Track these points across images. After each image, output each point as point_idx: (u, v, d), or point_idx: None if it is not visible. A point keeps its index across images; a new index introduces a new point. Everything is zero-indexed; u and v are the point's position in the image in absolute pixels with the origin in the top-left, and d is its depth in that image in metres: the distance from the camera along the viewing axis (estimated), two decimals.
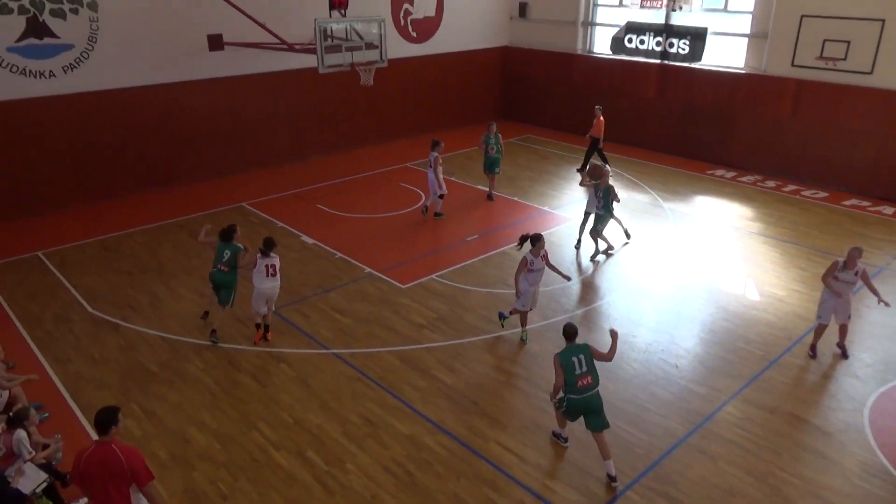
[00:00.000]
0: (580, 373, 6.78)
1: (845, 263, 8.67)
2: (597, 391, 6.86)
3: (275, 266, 9.11)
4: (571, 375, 6.77)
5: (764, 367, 8.81)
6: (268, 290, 9.15)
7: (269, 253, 9.04)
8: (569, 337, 6.95)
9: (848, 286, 8.74)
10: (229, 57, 15.57)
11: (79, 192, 14.34)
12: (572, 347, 6.89)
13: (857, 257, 8.60)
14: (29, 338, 9.44)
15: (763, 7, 16.17)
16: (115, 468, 5.03)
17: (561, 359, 6.82)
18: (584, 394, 6.79)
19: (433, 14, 19.80)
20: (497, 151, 14.71)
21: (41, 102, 13.41)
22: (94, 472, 5.06)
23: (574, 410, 6.91)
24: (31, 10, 12.84)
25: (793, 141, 16.23)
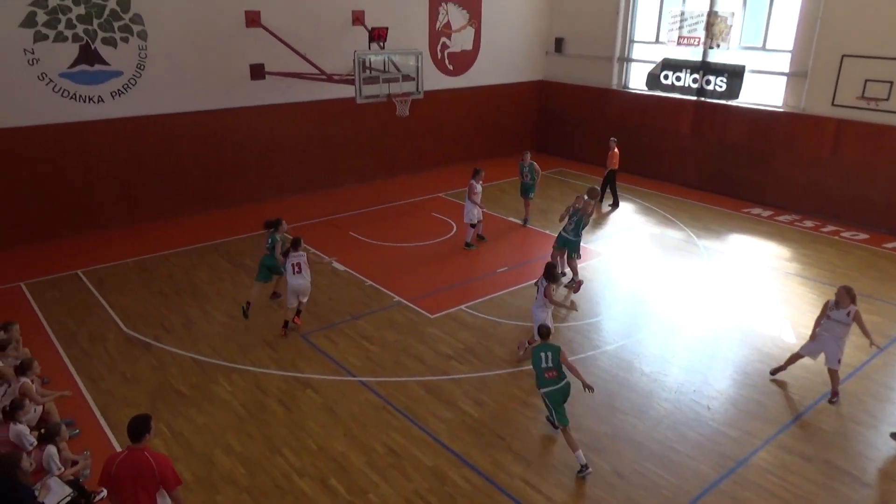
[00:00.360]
0: (546, 367, 7.53)
1: (836, 303, 8.48)
2: (560, 387, 7.50)
3: (300, 264, 9.96)
4: (538, 368, 7.54)
5: (800, 412, 8.55)
6: (296, 286, 10.03)
7: (294, 251, 9.94)
8: (543, 336, 7.81)
9: (837, 325, 8.47)
10: (270, 86, 15.97)
11: (120, 213, 14.74)
12: (543, 345, 7.67)
13: (844, 295, 8.38)
14: (65, 354, 9.64)
15: (803, 46, 16.05)
16: (147, 474, 5.25)
17: (533, 354, 7.62)
18: (553, 385, 7.47)
19: (470, 48, 20.10)
20: (531, 179, 14.90)
21: (89, 126, 13.89)
22: (125, 476, 5.28)
23: (551, 401, 7.57)
24: (84, 38, 13.39)
25: (832, 181, 15.95)
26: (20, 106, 13.02)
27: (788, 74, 16.52)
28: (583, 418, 8.32)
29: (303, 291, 10.12)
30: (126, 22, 13.77)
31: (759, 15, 16.94)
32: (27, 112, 13.12)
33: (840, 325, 8.46)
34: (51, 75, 13.21)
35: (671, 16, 18.25)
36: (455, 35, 19.59)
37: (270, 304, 11.28)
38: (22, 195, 13.45)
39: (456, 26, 19.53)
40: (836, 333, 8.51)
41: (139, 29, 13.97)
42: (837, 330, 8.49)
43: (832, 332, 8.54)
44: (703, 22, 17.44)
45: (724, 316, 11.11)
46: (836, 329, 8.50)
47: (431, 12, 18.83)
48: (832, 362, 8.62)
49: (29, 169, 13.39)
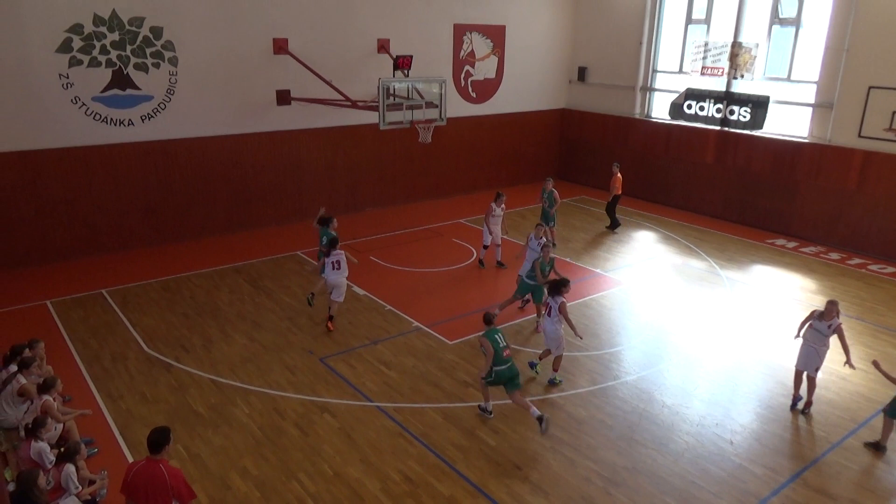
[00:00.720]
0: (504, 345, 8.42)
1: (822, 314, 8.73)
2: (512, 366, 8.44)
3: (339, 262, 10.98)
4: (498, 347, 8.33)
5: (826, 450, 8.33)
6: (333, 281, 10.99)
7: (333, 250, 10.99)
8: (489, 322, 8.57)
9: (818, 336, 8.75)
10: (295, 111, 16.24)
11: (146, 234, 14.98)
12: (493, 329, 8.50)
13: (832, 310, 8.64)
14: (86, 373, 9.75)
15: (828, 77, 15.97)
16: (160, 486, 5.41)
17: (487, 337, 8.36)
18: (508, 363, 8.36)
19: (493, 76, 20.28)
20: (549, 206, 15.14)
21: (118, 148, 14.21)
22: (139, 486, 5.44)
23: (499, 380, 8.41)
24: (117, 63, 13.75)
25: (859, 213, 15.72)
26: (54, 128, 13.37)
27: (814, 105, 16.41)
28: (601, 450, 8.19)
29: (338, 286, 11.01)
30: (158, 48, 14.13)
31: (784, 46, 16.92)
32: (60, 134, 13.47)
33: (820, 335, 8.76)
34: (84, 99, 13.56)
35: (695, 46, 18.29)
36: (479, 63, 19.80)
37: (290, 328, 11.32)
38: (52, 214, 13.75)
39: (480, 55, 19.75)
40: (818, 343, 8.80)
41: (170, 55, 14.33)
42: (819, 340, 8.78)
43: (813, 342, 8.84)
44: (728, 52, 17.45)
45: (747, 348, 10.93)
46: (817, 339, 8.80)
47: (456, 41, 19.08)
48: (810, 369, 8.94)
49: (60, 189, 13.70)
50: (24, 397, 7.89)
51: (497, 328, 8.60)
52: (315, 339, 10.93)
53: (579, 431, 8.60)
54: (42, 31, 12.80)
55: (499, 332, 8.55)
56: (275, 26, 15.50)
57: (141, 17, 13.77)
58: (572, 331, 9.39)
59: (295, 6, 15.70)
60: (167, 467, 5.49)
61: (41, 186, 13.49)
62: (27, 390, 7.88)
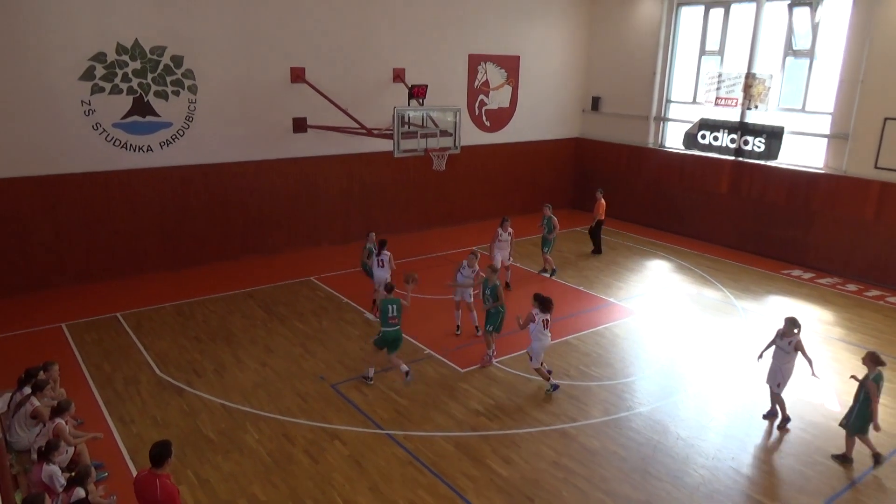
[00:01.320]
0: (393, 315, 9.85)
1: (783, 333, 9.20)
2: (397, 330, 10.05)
3: (383, 260, 12.36)
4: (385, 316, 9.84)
5: (845, 487, 8.15)
6: (380, 278, 12.18)
7: (382, 250, 12.41)
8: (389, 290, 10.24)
9: (781, 353, 9.18)
10: (311, 139, 16.45)
11: (161, 258, 15.12)
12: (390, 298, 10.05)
13: (789, 326, 9.12)
14: (99, 396, 9.78)
15: (843, 108, 15.95)
16: (151, 499, 5.70)
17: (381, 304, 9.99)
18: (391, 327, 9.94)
19: (507, 105, 20.46)
20: (548, 231, 15.29)
21: (137, 174, 14.43)
22: (138, 495, 5.82)
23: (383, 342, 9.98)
24: (138, 91, 14.03)
25: (877, 244, 15.56)
26: (74, 153, 13.62)
27: (829, 136, 16.37)
28: (615, 483, 8.06)
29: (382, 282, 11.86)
30: (178, 76, 14.42)
31: (799, 77, 16.95)
32: (80, 159, 13.71)
33: (783, 353, 9.18)
34: (104, 125, 13.82)
35: (709, 77, 18.37)
36: (493, 93, 19.99)
37: (302, 354, 11.32)
38: (70, 238, 13.93)
39: (494, 84, 19.95)
40: (781, 360, 9.23)
41: (190, 83, 14.60)
42: (781, 357, 9.21)
43: (777, 359, 9.28)
44: (741, 83, 17.50)
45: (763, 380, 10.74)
46: (780, 356, 9.23)
47: (470, 71, 19.30)
48: (773, 385, 9.38)
49: (79, 213, 13.90)
50: (37, 420, 7.92)
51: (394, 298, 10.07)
52: (327, 366, 10.91)
53: (592, 463, 8.47)
54: (66, 59, 13.11)
55: (394, 303, 9.92)
56: (292, 55, 15.78)
57: (162, 47, 14.08)
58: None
59: (312, 36, 16.00)
60: (162, 483, 5.69)
61: (61, 211, 13.70)
62: (40, 413, 7.92)
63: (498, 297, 10.74)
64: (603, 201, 17.30)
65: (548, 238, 15.36)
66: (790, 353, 9.11)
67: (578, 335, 12.34)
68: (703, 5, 18.67)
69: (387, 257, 12.40)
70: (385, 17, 17.09)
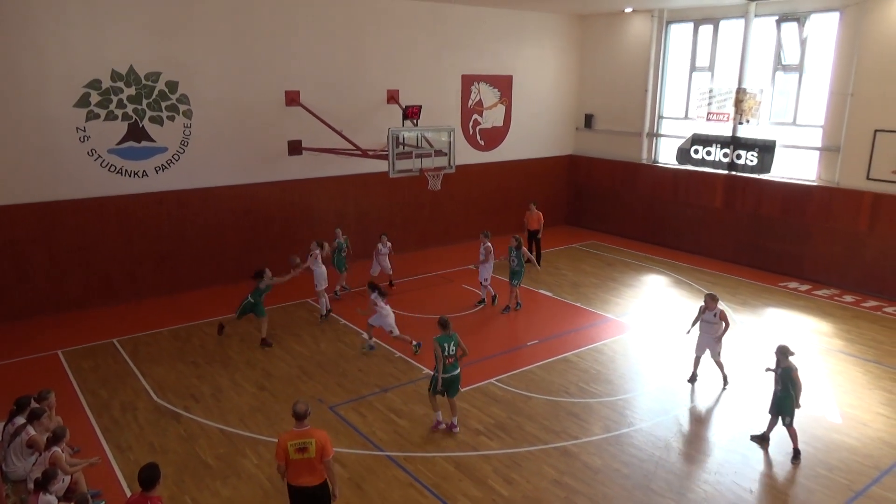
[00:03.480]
0: (448, 354, 9.11)
1: (705, 308, 10.66)
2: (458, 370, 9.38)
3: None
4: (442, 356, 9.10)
5: (849, 499, 8.09)
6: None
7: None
8: (444, 327, 9.25)
9: (709, 325, 10.60)
10: (306, 161, 16.50)
11: (158, 282, 15.09)
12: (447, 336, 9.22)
13: (710, 301, 10.62)
14: (96, 424, 9.69)
15: (834, 121, 16.09)
16: None
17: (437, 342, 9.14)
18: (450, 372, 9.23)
19: (501, 124, 20.60)
20: (518, 264, 14.07)
21: (132, 199, 14.44)
22: None
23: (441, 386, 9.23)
24: (133, 117, 14.10)
25: (872, 255, 15.62)
26: (69, 180, 13.63)
27: (821, 149, 16.50)
28: (618, 500, 8.00)
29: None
30: (173, 102, 14.49)
31: (789, 91, 17.12)
32: (76, 186, 13.73)
33: (711, 324, 10.61)
34: (100, 151, 13.86)
35: (700, 92, 18.54)
36: (486, 112, 20.14)
37: (300, 376, 11.26)
38: (66, 264, 13.90)
39: (487, 104, 20.10)
40: (710, 331, 10.63)
41: (185, 108, 14.68)
42: (710, 329, 10.62)
43: (708, 332, 10.66)
44: (732, 98, 17.65)
45: (763, 393, 10.71)
46: (709, 328, 10.64)
47: (464, 91, 19.45)
48: (714, 356, 10.74)
49: (74, 239, 13.89)
50: (33, 449, 7.83)
51: (453, 335, 9.29)
52: (325, 388, 10.85)
53: (594, 481, 8.41)
54: (61, 86, 13.18)
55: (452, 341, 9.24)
56: (287, 79, 15.89)
57: (157, 73, 14.17)
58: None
59: (307, 59, 16.13)
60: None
61: (56, 237, 13.69)
62: (36, 442, 7.83)
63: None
64: (536, 212, 17.57)
65: (519, 271, 14.12)
66: (717, 323, 10.56)
67: (577, 352, 12.31)
68: (693, 22, 18.89)
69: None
70: (378, 39, 17.26)
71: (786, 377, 8.85)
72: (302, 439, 6.48)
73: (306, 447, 6.46)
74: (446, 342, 9.16)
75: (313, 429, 6.61)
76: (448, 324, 9.31)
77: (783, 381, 8.89)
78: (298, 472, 6.56)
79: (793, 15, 16.42)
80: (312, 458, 6.48)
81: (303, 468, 6.53)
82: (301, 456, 6.47)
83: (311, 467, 6.52)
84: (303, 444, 6.47)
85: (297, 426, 6.57)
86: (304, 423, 6.56)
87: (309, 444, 6.46)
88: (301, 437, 6.50)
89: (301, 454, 6.47)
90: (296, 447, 6.47)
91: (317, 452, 6.47)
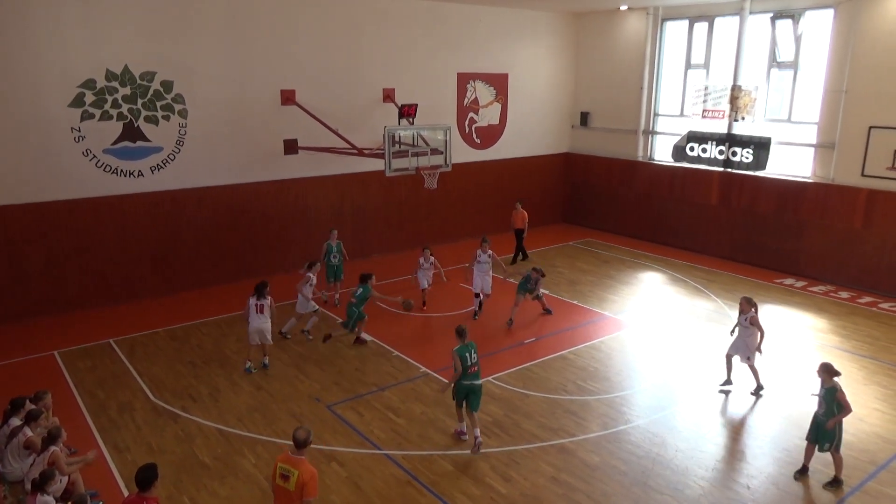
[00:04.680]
0: (471, 363, 8.85)
1: (740, 311, 10.61)
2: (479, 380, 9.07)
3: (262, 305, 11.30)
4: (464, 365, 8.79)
5: (845, 494, 8.13)
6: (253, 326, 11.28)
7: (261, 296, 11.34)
8: (461, 336, 8.96)
9: (742, 329, 10.55)
10: (302, 160, 16.48)
11: (155, 283, 15.05)
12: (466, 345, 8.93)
13: (745, 304, 10.54)
14: (93, 424, 9.67)
15: (829, 118, 16.14)
16: None
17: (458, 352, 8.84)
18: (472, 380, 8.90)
19: (497, 122, 20.60)
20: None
21: (127, 199, 14.40)
22: None
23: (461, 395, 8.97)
24: (128, 116, 14.06)
25: (867, 251, 15.68)
26: (65, 180, 13.59)
27: (816, 146, 16.54)
28: (616, 497, 8.02)
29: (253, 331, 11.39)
30: (168, 101, 14.46)
31: (784, 88, 17.16)
32: (71, 186, 13.69)
33: (743, 328, 10.54)
34: (95, 151, 13.82)
35: (695, 90, 18.57)
36: (482, 110, 20.14)
37: (297, 375, 11.26)
38: (62, 265, 13.86)
39: (483, 102, 20.10)
40: (743, 335, 10.55)
41: (180, 108, 14.64)
42: (745, 333, 10.52)
43: (743, 336, 10.58)
44: (728, 95, 17.69)
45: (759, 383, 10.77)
46: (743, 332, 10.56)
47: (460, 89, 19.45)
48: (744, 359, 10.62)
49: (70, 240, 13.85)
50: (31, 450, 7.82)
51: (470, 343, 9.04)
52: (322, 387, 10.85)
53: (592, 478, 8.43)
54: (56, 87, 13.14)
55: (472, 349, 8.96)
56: (282, 78, 15.86)
57: (152, 72, 14.13)
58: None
59: (302, 58, 16.10)
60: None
61: (52, 238, 13.65)
62: (33, 443, 7.81)
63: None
64: (521, 212, 17.72)
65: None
66: (748, 327, 10.47)
67: (574, 349, 12.33)
68: (688, 19, 18.91)
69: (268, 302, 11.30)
70: (374, 38, 17.24)
71: (829, 399, 8.15)
72: (288, 466, 6.14)
73: (288, 476, 6.10)
74: (466, 352, 8.86)
75: (305, 462, 6.17)
76: (465, 333, 8.96)
77: (826, 402, 8.17)
78: (279, 499, 6.26)
79: (787, 12, 16.46)
80: (290, 491, 6.08)
81: (282, 497, 6.20)
82: (282, 483, 6.15)
83: (289, 500, 6.11)
84: (287, 471, 6.12)
85: (292, 452, 6.24)
86: (299, 452, 6.21)
87: (291, 475, 6.08)
88: (288, 464, 6.16)
89: (283, 482, 6.14)
90: (280, 472, 6.17)
91: (296, 487, 6.04)
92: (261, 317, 11.16)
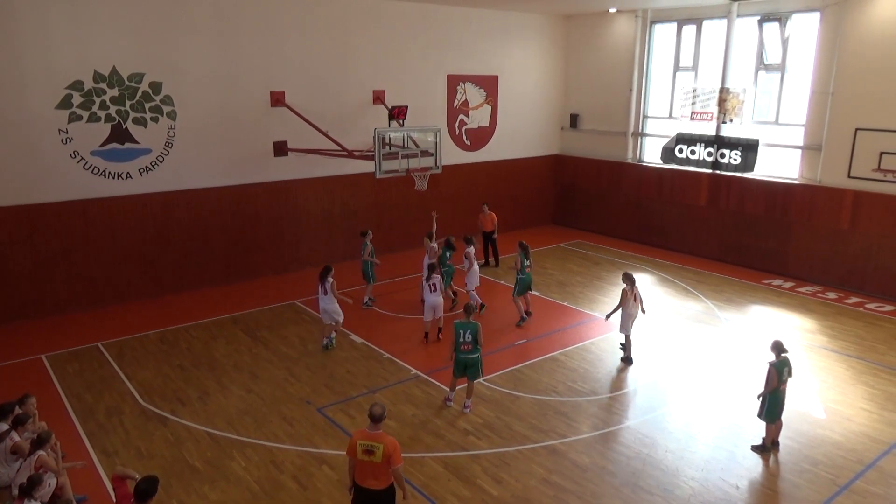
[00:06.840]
0: (463, 341, 9.70)
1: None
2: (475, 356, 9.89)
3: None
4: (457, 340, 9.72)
5: (833, 493, 8.20)
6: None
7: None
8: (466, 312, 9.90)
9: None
10: (292, 162, 16.44)
11: (143, 286, 14.96)
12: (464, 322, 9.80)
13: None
14: (81, 429, 9.59)
15: (815, 120, 16.28)
16: None
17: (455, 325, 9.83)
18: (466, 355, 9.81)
19: (487, 124, 20.64)
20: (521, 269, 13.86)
21: (116, 201, 14.30)
22: None
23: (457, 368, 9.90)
24: (116, 118, 13.96)
25: (854, 252, 15.82)
26: (52, 182, 13.48)
27: (803, 148, 16.68)
28: (606, 498, 8.04)
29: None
30: (157, 103, 14.38)
31: (771, 91, 17.30)
32: (59, 188, 13.58)
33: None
34: (83, 153, 13.72)
35: (684, 92, 18.68)
36: (472, 112, 20.16)
37: (288, 379, 11.22)
38: (50, 268, 13.74)
39: (473, 104, 20.13)
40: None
41: (169, 109, 14.56)
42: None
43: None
44: (716, 98, 17.81)
45: (748, 390, 10.82)
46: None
47: (450, 91, 19.47)
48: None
49: (58, 242, 13.73)
50: (17, 455, 7.75)
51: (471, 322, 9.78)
52: (313, 390, 10.82)
53: (583, 479, 8.46)
54: (43, 88, 13.03)
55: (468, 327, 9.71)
56: (272, 79, 15.81)
57: (140, 73, 14.05)
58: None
59: (292, 60, 16.06)
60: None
61: (39, 240, 13.53)
62: (20, 448, 7.74)
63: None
64: (489, 214, 17.59)
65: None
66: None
67: (564, 351, 12.37)
68: (676, 22, 19.03)
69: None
70: (364, 40, 17.22)
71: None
72: (371, 442, 6.48)
73: (373, 451, 6.44)
74: (462, 329, 9.70)
75: (385, 434, 6.58)
76: (470, 311, 9.85)
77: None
78: (364, 473, 6.58)
79: (774, 15, 16.60)
80: (378, 463, 6.46)
81: (368, 470, 6.55)
82: (367, 458, 6.47)
83: (376, 471, 6.52)
84: (371, 446, 6.46)
85: (369, 427, 6.57)
86: (377, 426, 6.56)
87: (376, 449, 6.43)
88: (370, 440, 6.49)
89: (368, 456, 6.47)
90: (364, 448, 6.47)
91: (383, 458, 6.43)
92: (325, 297, 12.07)
